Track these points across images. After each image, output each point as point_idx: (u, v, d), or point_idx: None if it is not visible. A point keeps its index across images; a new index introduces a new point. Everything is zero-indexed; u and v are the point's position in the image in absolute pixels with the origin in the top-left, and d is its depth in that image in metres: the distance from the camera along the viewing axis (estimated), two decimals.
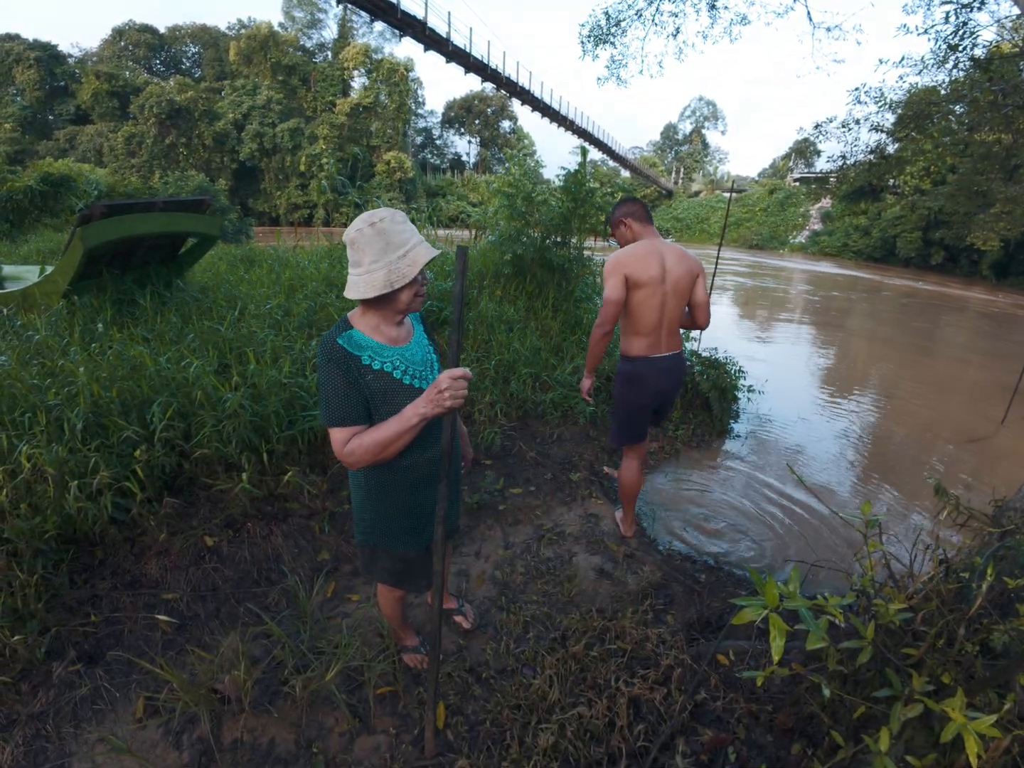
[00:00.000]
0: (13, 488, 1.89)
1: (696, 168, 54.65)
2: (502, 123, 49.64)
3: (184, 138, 35.34)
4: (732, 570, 2.49)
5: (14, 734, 1.54)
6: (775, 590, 1.07)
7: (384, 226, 1.16)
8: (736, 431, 4.01)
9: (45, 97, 37.75)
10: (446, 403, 1.10)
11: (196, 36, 44.79)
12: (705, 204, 42.51)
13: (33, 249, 7.53)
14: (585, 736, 1.58)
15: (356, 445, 1.19)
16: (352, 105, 36.83)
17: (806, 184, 36.73)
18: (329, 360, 1.21)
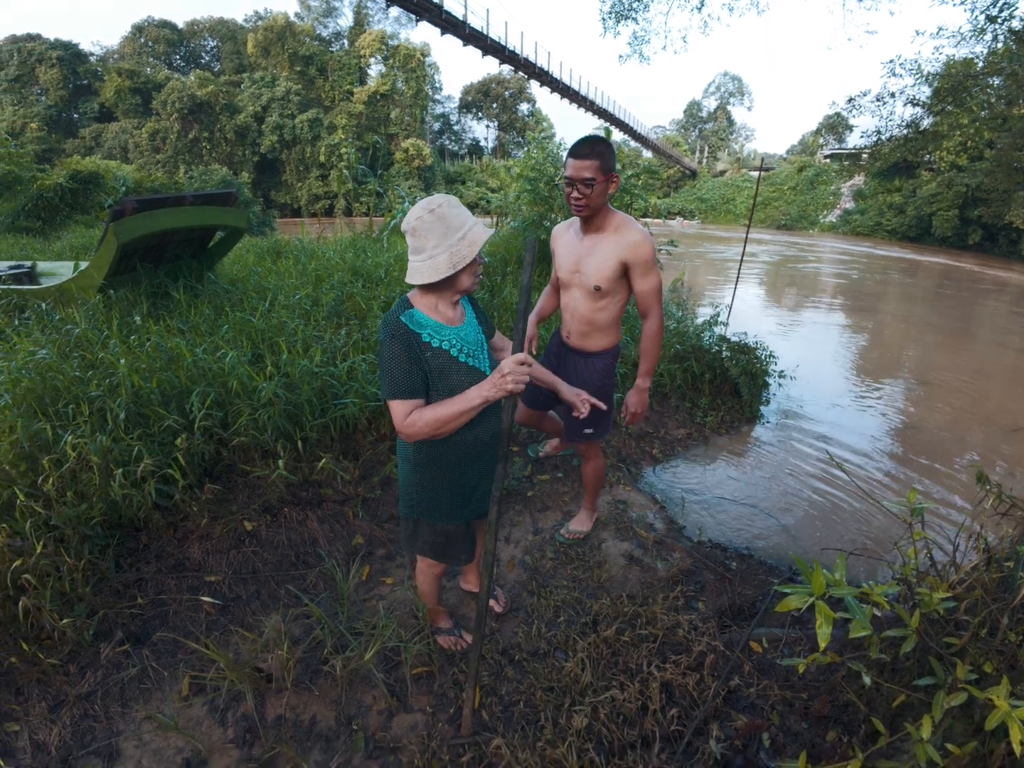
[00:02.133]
0: (59, 477, 1.97)
1: (721, 146, 52.98)
2: (520, 106, 48.91)
3: (207, 132, 35.84)
4: (763, 558, 2.46)
5: (62, 715, 1.61)
6: (822, 578, 1.06)
7: (443, 211, 1.22)
8: (766, 417, 3.93)
9: (69, 96, 38.55)
10: (508, 386, 1.17)
11: (214, 30, 45.11)
12: (731, 183, 41.19)
13: (66, 245, 7.76)
14: (618, 719, 1.60)
15: (417, 418, 1.25)
16: (369, 93, 36.76)
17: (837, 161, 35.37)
18: (392, 336, 1.26)
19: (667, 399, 3.76)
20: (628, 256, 1.80)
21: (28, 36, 39.03)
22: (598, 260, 1.84)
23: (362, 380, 2.58)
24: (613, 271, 1.82)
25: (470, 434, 1.39)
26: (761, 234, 29.45)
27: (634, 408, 2.02)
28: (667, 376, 3.77)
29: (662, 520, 2.60)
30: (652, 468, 3.10)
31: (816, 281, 13.33)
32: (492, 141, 51.68)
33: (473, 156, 48.30)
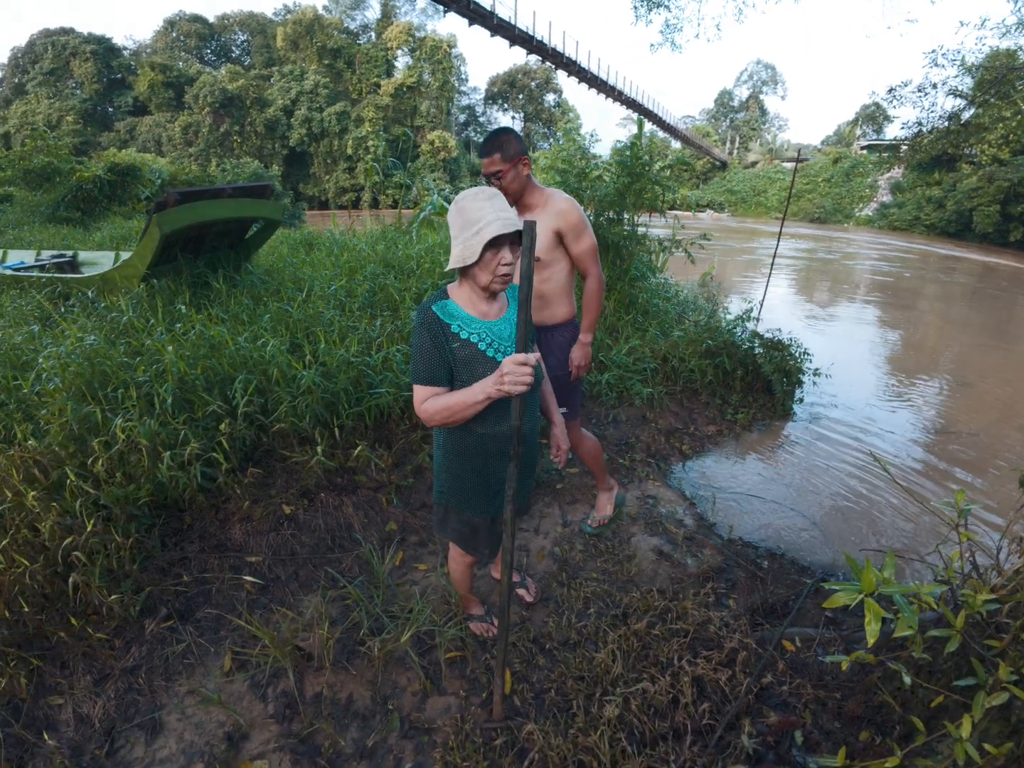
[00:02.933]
0: (108, 458, 2.05)
1: (753, 137, 51.55)
2: (546, 96, 48.48)
3: (237, 126, 36.53)
4: (795, 557, 2.42)
5: (106, 688, 1.66)
6: (872, 576, 1.05)
7: (464, 204, 1.25)
8: (799, 415, 3.85)
9: (104, 89, 39.54)
10: (504, 387, 1.14)
11: (244, 24, 45.79)
12: (762, 175, 40.06)
13: (106, 236, 8.01)
14: (649, 711, 1.60)
15: (430, 404, 1.30)
16: (396, 86, 36.93)
17: (875, 152, 34.09)
18: (422, 324, 1.30)
19: (697, 395, 3.71)
20: (559, 224, 1.90)
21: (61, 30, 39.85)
22: None
23: (396, 370, 2.62)
24: (549, 241, 1.91)
25: (498, 429, 1.39)
26: (794, 227, 28.63)
27: (578, 361, 2.06)
28: (698, 372, 3.73)
29: (692, 516, 2.59)
30: (681, 464, 3.08)
31: (850, 277, 12.93)
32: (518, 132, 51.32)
33: None
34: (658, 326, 3.98)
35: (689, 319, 4.40)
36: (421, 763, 1.50)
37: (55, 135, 15.22)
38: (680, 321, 4.42)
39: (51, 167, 12.52)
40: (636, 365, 3.65)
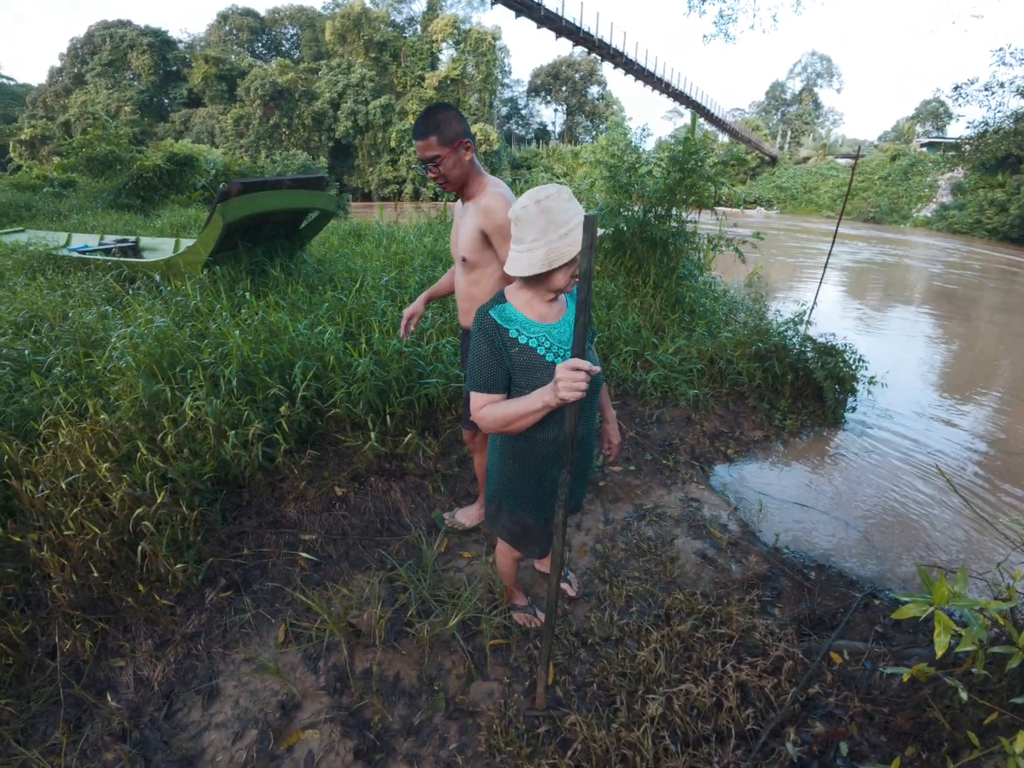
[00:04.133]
0: (176, 434, 2.17)
1: (806, 131, 49.45)
2: (590, 89, 47.81)
3: (286, 118, 37.49)
4: (844, 570, 2.36)
5: (167, 653, 1.75)
6: (944, 589, 1.02)
7: (549, 204, 1.16)
8: (851, 424, 3.72)
9: (160, 81, 41.01)
10: (560, 395, 1.08)
11: (294, 18, 46.82)
12: (815, 171, 38.34)
13: (166, 223, 8.40)
14: (692, 712, 1.60)
15: (487, 412, 1.26)
16: (440, 78, 37.11)
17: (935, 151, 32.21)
18: (480, 329, 1.27)
19: (744, 399, 3.63)
20: (483, 224, 1.66)
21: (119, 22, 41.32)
22: (466, 229, 1.73)
23: (446, 362, 2.67)
24: (476, 240, 1.70)
25: (552, 434, 1.37)
26: (847, 227, 27.39)
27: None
28: (746, 375, 3.64)
29: (736, 522, 2.55)
30: (726, 468, 3.03)
31: (906, 281, 12.30)
32: (560, 125, 50.94)
33: (540, 141, 47.83)
34: (705, 326, 3.90)
35: (738, 320, 4.30)
36: (465, 744, 1.54)
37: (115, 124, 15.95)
38: (728, 322, 4.33)
39: (112, 155, 13.14)
40: (682, 366, 3.59)
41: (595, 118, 47.72)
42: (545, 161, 39.13)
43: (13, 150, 33.72)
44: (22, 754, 1.46)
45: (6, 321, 3.14)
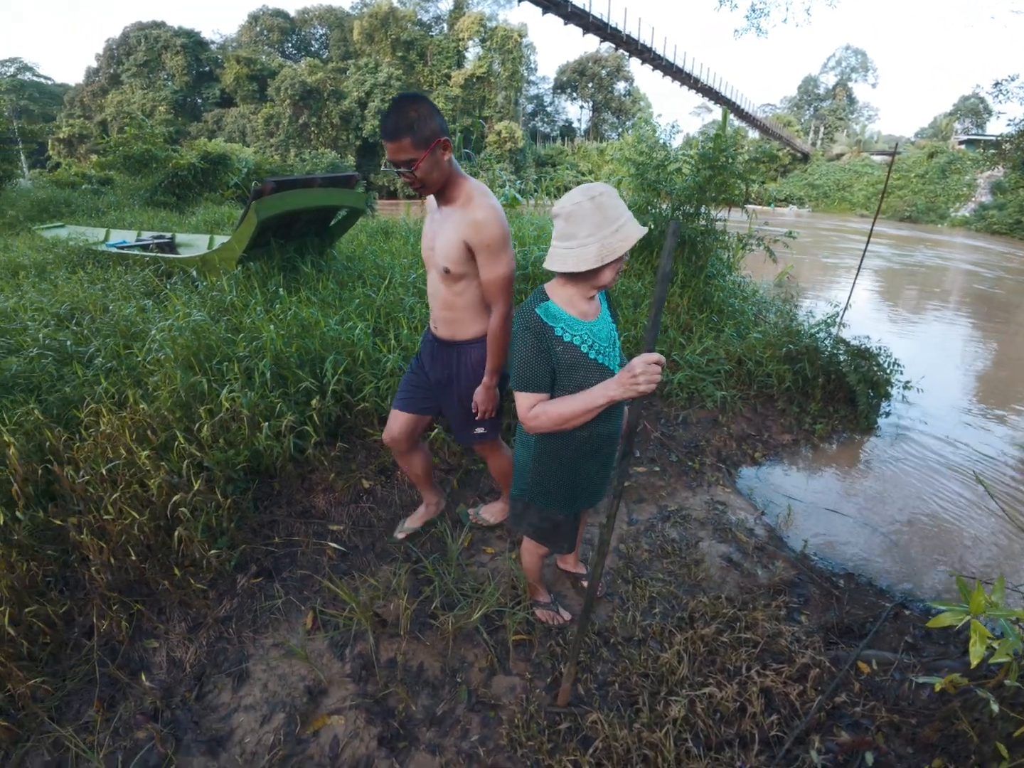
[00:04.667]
0: (212, 425, 2.24)
1: (839, 127, 48.02)
2: (617, 85, 47.36)
3: (315, 117, 38.11)
4: (873, 578, 2.30)
5: (199, 635, 1.79)
6: (982, 598, 1.00)
7: (603, 200, 1.17)
8: (884, 430, 3.61)
9: (193, 81, 41.95)
10: (639, 387, 1.10)
11: (323, 18, 47.42)
12: (848, 168, 37.17)
13: (200, 220, 8.64)
14: (715, 715, 1.59)
15: (541, 411, 1.25)
16: (466, 76, 37.25)
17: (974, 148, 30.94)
18: (525, 328, 1.26)
19: (773, 401, 3.57)
20: (470, 237, 1.52)
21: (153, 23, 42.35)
22: (446, 237, 1.57)
23: None
24: (459, 252, 1.55)
25: (591, 430, 1.38)
26: (882, 226, 26.49)
27: (482, 405, 1.81)
28: (775, 377, 3.57)
29: (763, 527, 2.51)
30: (754, 472, 2.98)
31: (943, 283, 11.86)
32: (585, 122, 50.59)
33: (565, 138, 47.56)
34: (734, 326, 3.84)
35: (768, 320, 4.21)
36: (487, 736, 1.56)
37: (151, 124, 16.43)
38: (757, 322, 4.25)
39: (149, 154, 13.55)
40: (709, 366, 3.55)
41: (621, 115, 47.24)
42: (570, 159, 38.91)
43: (52, 148, 35.03)
44: (56, 731, 1.51)
45: (49, 313, 3.27)
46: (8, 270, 4.71)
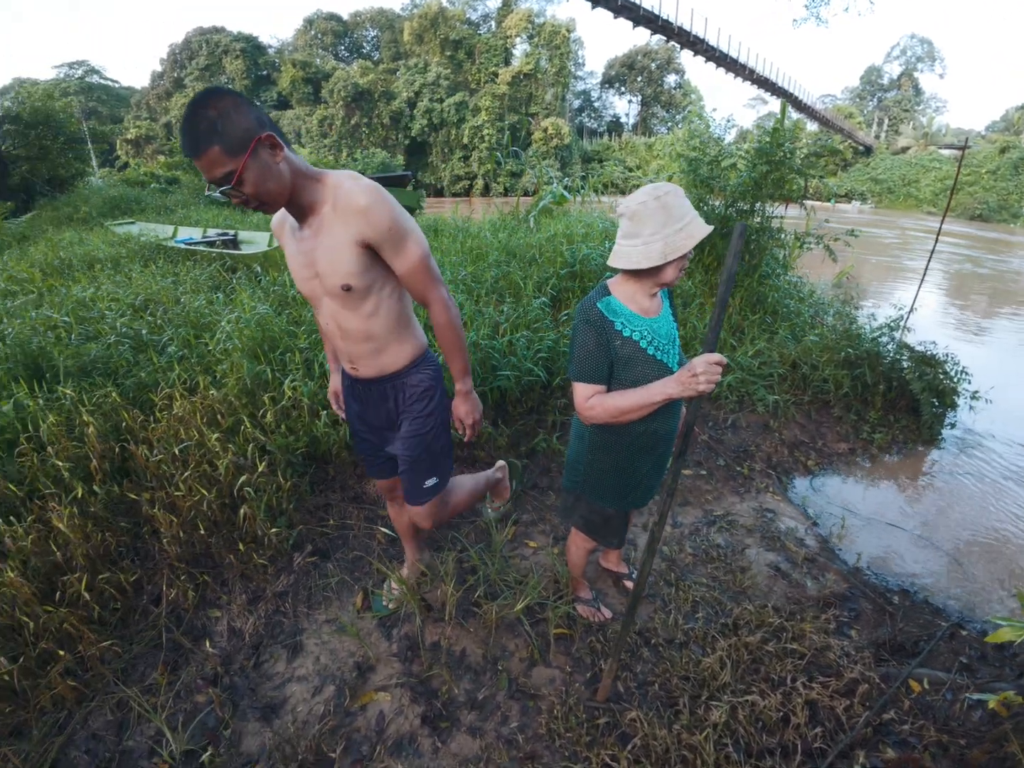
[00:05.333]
0: (275, 412, 2.38)
1: (904, 119, 45.15)
2: (667, 78, 46.25)
3: (366, 118, 39.08)
4: (930, 596, 2.19)
5: (258, 608, 1.91)
6: None
7: (668, 200, 1.19)
8: (948, 442, 3.41)
9: (251, 85, 43.54)
10: (699, 387, 1.11)
11: (374, 20, 48.42)
12: (915, 163, 34.81)
13: (261, 218, 9.04)
14: (757, 723, 1.57)
15: (597, 402, 1.29)
16: (513, 74, 37.26)
17: None
18: (586, 321, 1.30)
19: (829, 408, 3.43)
20: (364, 231, 1.20)
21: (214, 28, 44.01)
22: (332, 249, 1.23)
23: (520, 356, 2.73)
24: (357, 257, 1.23)
25: (647, 426, 1.39)
26: (950, 225, 24.74)
27: (467, 417, 1.52)
28: (832, 383, 3.43)
29: (814, 537, 2.43)
30: (807, 480, 2.89)
31: (1016, 287, 10.96)
32: (633, 117, 49.67)
33: (612, 133, 46.83)
34: (789, 328, 3.71)
35: (825, 323, 4.04)
36: (526, 724, 1.59)
37: None
38: (814, 325, 4.08)
39: None
40: (761, 369, 3.45)
41: (671, 108, 46.10)
42: (617, 154, 38.27)
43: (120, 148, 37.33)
44: (120, 692, 1.64)
45: (125, 303, 3.51)
46: (85, 262, 5.10)
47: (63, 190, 13.19)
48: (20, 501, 2.01)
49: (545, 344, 2.97)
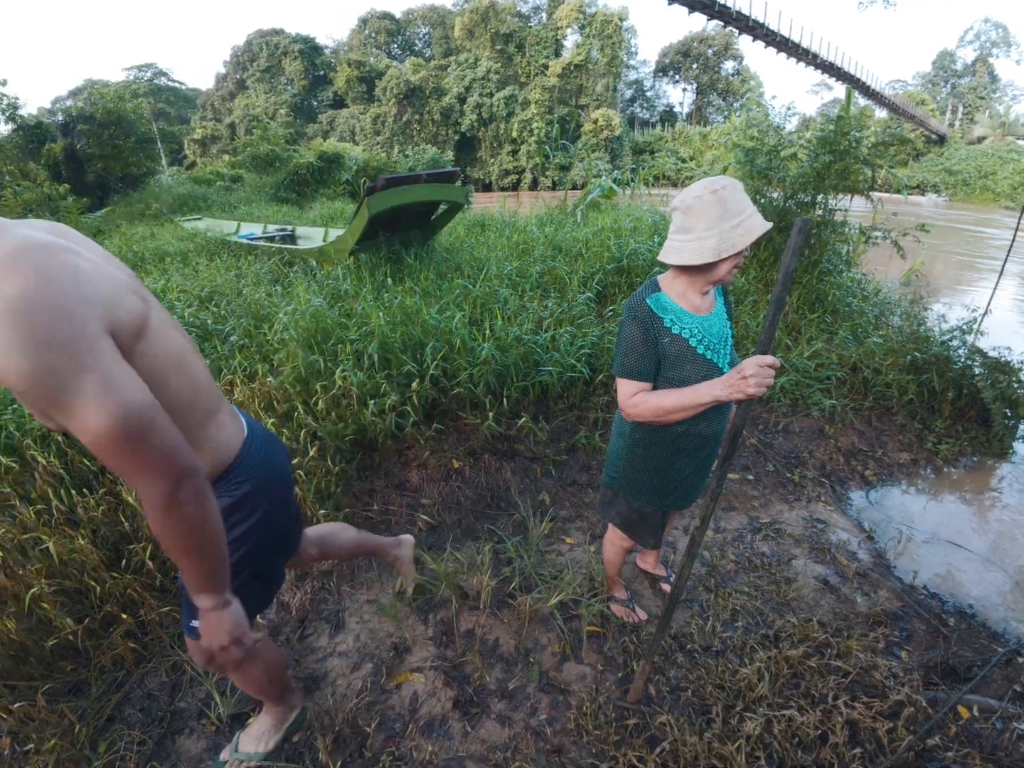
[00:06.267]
0: (326, 400, 2.48)
1: (980, 107, 41.36)
2: (724, 64, 44.34)
3: (417, 115, 39.61)
4: (988, 619, 2.05)
5: (304, 584, 2.00)
6: None
7: (725, 194, 1.16)
8: (1021, 455, 3.14)
9: (309, 85, 44.88)
10: (749, 390, 1.07)
11: (426, 17, 48.81)
12: (992, 153, 31.75)
13: (317, 214, 9.44)
14: (793, 740, 1.53)
15: (641, 400, 1.27)
16: (564, 65, 36.77)
17: None
18: (634, 317, 1.28)
19: (891, 415, 3.23)
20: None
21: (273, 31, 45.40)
22: None
23: (563, 351, 2.74)
24: None
25: (690, 427, 1.36)
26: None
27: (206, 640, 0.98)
28: (895, 388, 3.24)
29: (868, 552, 2.31)
30: (864, 492, 2.74)
31: None
32: (688, 106, 48.02)
33: (665, 123, 45.44)
34: (850, 329, 3.51)
35: (891, 324, 3.80)
36: (555, 718, 1.61)
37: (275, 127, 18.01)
38: (879, 326, 3.85)
39: (273, 154, 14.94)
40: (818, 372, 3.29)
41: (729, 96, 44.22)
42: (670, 145, 37.10)
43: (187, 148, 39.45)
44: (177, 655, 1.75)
45: (192, 295, 3.74)
46: (156, 256, 5.46)
47: (135, 187, 14.14)
48: (93, 475, 2.19)
49: (589, 340, 2.95)
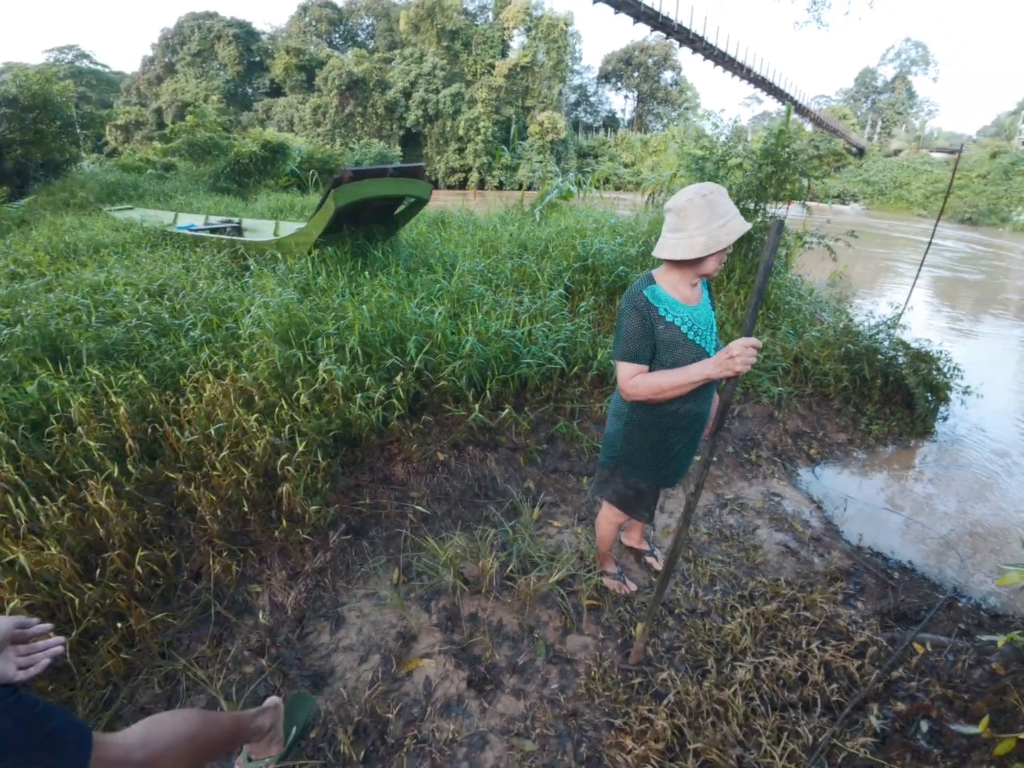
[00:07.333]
0: (307, 394, 2.41)
1: (897, 122, 45.77)
2: (663, 74, 46.25)
3: (360, 107, 38.51)
4: (927, 573, 2.36)
5: (298, 583, 1.98)
6: None
7: (713, 198, 1.33)
8: (941, 434, 3.59)
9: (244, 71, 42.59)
10: (736, 367, 1.22)
11: (370, 8, 47.52)
12: (906, 166, 35.17)
13: (264, 206, 9.01)
14: (778, 681, 1.71)
15: (640, 381, 1.42)
16: (510, 67, 37.01)
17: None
18: (633, 307, 1.44)
19: (828, 400, 3.59)
20: None
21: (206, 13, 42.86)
22: None
23: (540, 345, 2.84)
24: None
25: (682, 406, 1.52)
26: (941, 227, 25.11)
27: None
28: (832, 376, 3.59)
29: (819, 519, 2.58)
30: (810, 468, 3.04)
31: (1006, 289, 11.30)
32: (629, 113, 49.68)
33: (608, 129, 46.78)
34: (791, 324, 3.85)
35: (824, 320, 4.20)
36: (566, 686, 1.71)
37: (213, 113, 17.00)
38: (813, 321, 4.24)
39: (211, 141, 14.10)
40: (765, 363, 3.60)
41: (667, 104, 46.19)
42: (612, 150, 38.26)
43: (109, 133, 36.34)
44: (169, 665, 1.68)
45: (140, 288, 3.50)
46: (90, 247, 5.04)
47: (57, 175, 12.98)
48: (51, 481, 2.04)
49: (563, 334, 3.08)
